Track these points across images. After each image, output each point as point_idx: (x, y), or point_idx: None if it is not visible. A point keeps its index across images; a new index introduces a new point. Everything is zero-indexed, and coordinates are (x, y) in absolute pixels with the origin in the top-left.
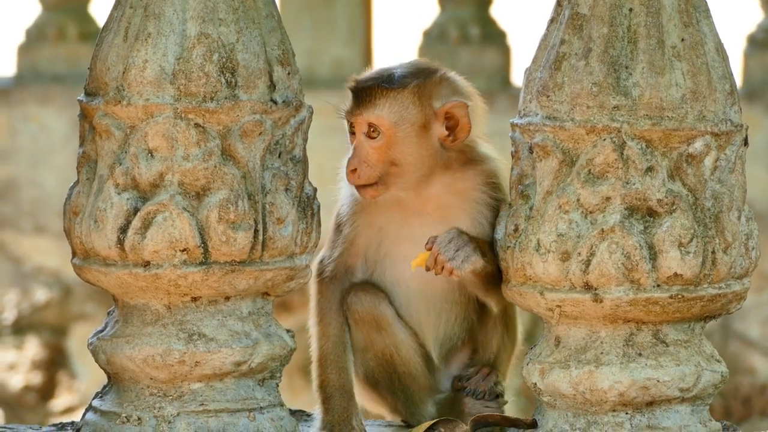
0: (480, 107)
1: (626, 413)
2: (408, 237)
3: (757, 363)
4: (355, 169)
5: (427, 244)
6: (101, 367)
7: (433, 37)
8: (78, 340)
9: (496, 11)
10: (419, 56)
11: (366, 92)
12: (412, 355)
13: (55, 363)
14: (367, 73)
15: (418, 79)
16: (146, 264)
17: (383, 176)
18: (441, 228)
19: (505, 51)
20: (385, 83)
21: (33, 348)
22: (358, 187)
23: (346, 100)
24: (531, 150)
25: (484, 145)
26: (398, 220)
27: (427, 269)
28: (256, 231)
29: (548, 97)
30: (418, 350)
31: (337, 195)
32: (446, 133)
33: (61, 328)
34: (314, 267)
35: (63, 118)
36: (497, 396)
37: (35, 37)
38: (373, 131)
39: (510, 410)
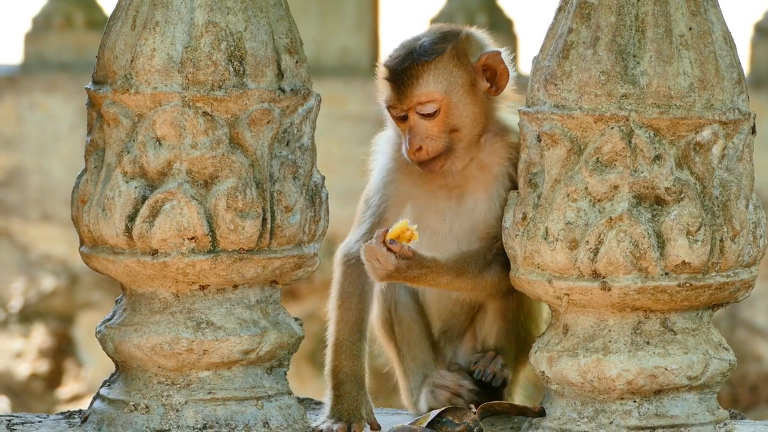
0: (509, 57)
1: (634, 401)
2: (433, 208)
3: (764, 351)
4: (421, 147)
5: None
6: (109, 356)
7: (443, 20)
8: (85, 328)
9: None
10: None
11: (406, 74)
12: (411, 321)
13: (62, 351)
14: (395, 55)
15: (450, 42)
16: (154, 252)
17: (447, 145)
18: (461, 202)
19: (512, 39)
20: (423, 56)
21: (40, 336)
22: (424, 164)
23: (384, 89)
24: (539, 138)
25: (509, 116)
26: (426, 191)
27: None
28: (264, 219)
29: (556, 85)
30: (419, 320)
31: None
32: (488, 84)
33: (68, 316)
34: (340, 251)
35: (70, 106)
36: (504, 381)
37: (42, 25)
38: (427, 109)
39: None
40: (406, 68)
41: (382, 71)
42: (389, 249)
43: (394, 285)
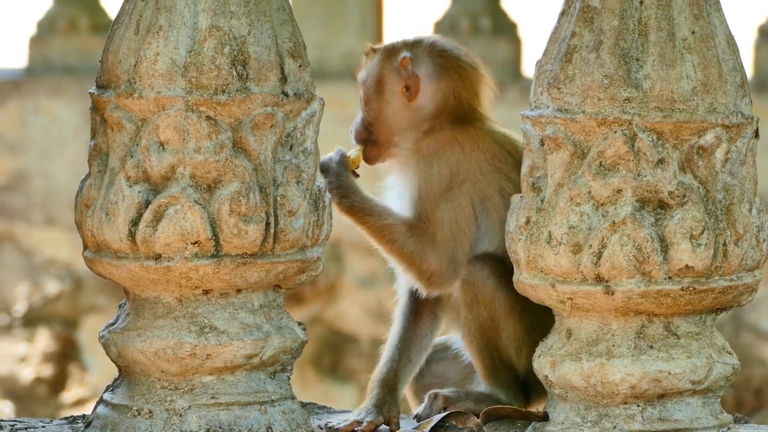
0: (474, 75)
1: (638, 405)
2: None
3: None
4: (354, 129)
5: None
6: (112, 360)
7: (445, 29)
8: (89, 333)
9: (507, 3)
10: None
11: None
12: None
13: (66, 355)
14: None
15: (395, 42)
16: (157, 257)
17: (369, 136)
18: (402, 187)
19: (516, 42)
20: (373, 49)
21: (44, 340)
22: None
23: None
24: (542, 142)
25: (474, 116)
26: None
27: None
28: (267, 224)
29: (559, 89)
30: None
31: None
32: (404, 90)
33: (72, 320)
34: None
35: (74, 110)
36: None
37: (47, 29)
38: (360, 92)
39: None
40: (365, 54)
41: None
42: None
43: None
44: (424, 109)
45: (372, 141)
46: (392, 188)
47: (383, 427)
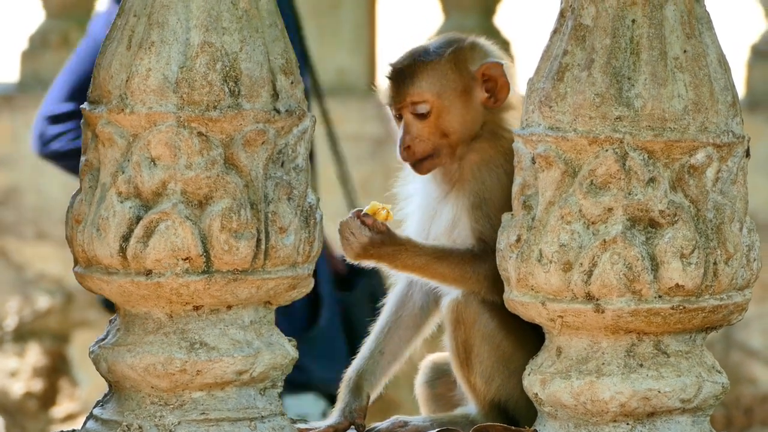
0: (515, 70)
1: (627, 424)
2: (424, 207)
3: (758, 373)
4: (409, 146)
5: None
6: (102, 376)
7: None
8: (80, 348)
9: (500, 20)
10: None
11: (404, 72)
12: None
13: (56, 370)
14: (401, 56)
15: (450, 47)
16: (148, 272)
17: (436, 148)
18: (443, 203)
19: (509, 59)
20: (421, 57)
21: (34, 355)
22: (414, 164)
23: (385, 88)
24: (533, 160)
25: (510, 121)
26: (423, 190)
27: None
28: (258, 240)
29: (551, 107)
30: None
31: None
32: (487, 95)
33: (63, 335)
34: None
35: None
36: None
37: (38, 43)
38: (418, 108)
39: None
40: (405, 67)
41: (385, 70)
42: (363, 222)
43: None
44: (494, 114)
45: (434, 155)
46: (414, 196)
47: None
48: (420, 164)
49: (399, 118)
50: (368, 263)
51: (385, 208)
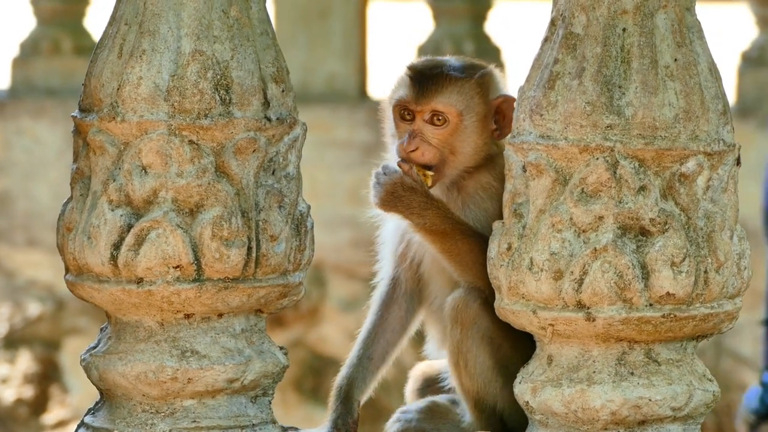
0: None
1: None
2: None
3: (749, 380)
4: (418, 148)
5: None
6: (94, 384)
7: (428, 53)
8: (71, 354)
9: (490, 27)
10: None
11: (433, 79)
12: None
13: (47, 377)
14: (423, 62)
15: (477, 71)
16: (139, 281)
17: (440, 162)
18: None
19: (499, 67)
20: (454, 71)
21: (25, 362)
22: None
23: (401, 87)
24: (524, 168)
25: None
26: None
27: None
28: (249, 248)
29: (542, 115)
30: None
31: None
32: (494, 126)
33: (54, 341)
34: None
35: (57, 132)
36: None
37: (30, 50)
38: (437, 119)
39: None
40: (435, 74)
41: (406, 71)
42: (399, 166)
43: None
44: (496, 146)
45: (438, 167)
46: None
47: None
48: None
49: (404, 120)
50: (394, 215)
51: (426, 174)
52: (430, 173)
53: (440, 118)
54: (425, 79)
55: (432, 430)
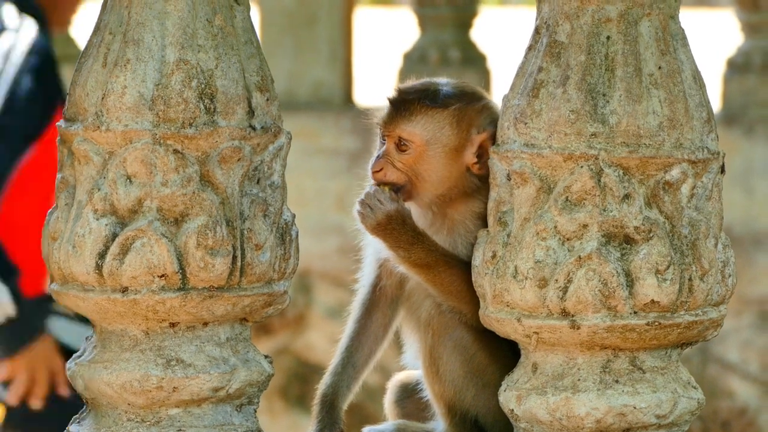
0: None
1: None
2: None
3: (735, 386)
4: (382, 168)
5: None
6: (79, 393)
7: (414, 60)
8: None
9: (476, 34)
10: (399, 79)
11: (404, 105)
12: None
13: None
14: (412, 84)
15: (461, 102)
16: (124, 290)
17: (408, 183)
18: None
19: (484, 74)
20: (427, 100)
21: None
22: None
23: (383, 109)
24: (508, 177)
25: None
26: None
27: None
28: (234, 257)
29: (526, 124)
30: None
31: None
32: (475, 160)
33: None
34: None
35: None
36: None
37: None
38: (403, 144)
39: None
40: (409, 101)
41: (392, 91)
42: (392, 197)
43: None
44: (475, 179)
45: (404, 189)
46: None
47: None
48: (396, 193)
49: (382, 140)
50: (379, 241)
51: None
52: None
53: (404, 144)
54: (398, 104)
55: None
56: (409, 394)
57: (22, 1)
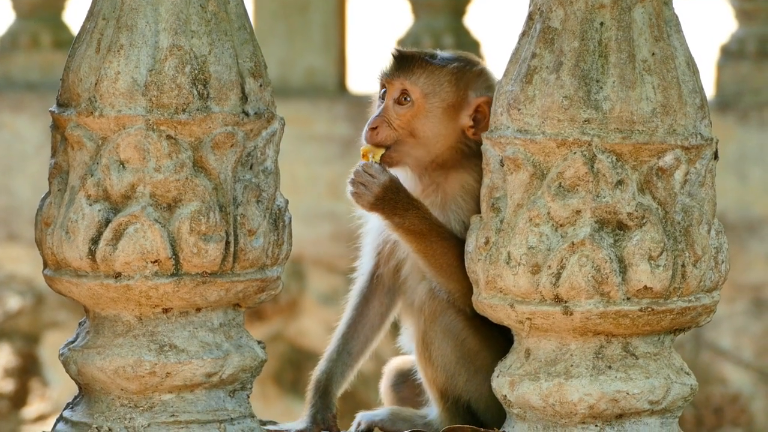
0: None
1: (596, 425)
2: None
3: (728, 373)
4: (376, 128)
5: None
6: (72, 378)
7: (407, 46)
8: (50, 348)
9: (469, 21)
10: None
11: (407, 59)
12: None
13: (27, 371)
14: (414, 48)
15: (459, 63)
16: (117, 275)
17: (398, 143)
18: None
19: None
20: (428, 57)
21: (5, 356)
22: (374, 147)
23: (386, 65)
24: (502, 163)
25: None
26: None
27: None
28: (227, 243)
29: (519, 110)
30: None
31: None
32: (471, 124)
33: (34, 335)
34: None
35: (36, 126)
36: None
37: (9, 44)
38: (404, 98)
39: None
40: (410, 55)
41: (394, 49)
42: (383, 168)
43: None
44: (471, 142)
45: (394, 148)
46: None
47: None
48: (387, 155)
49: (381, 98)
50: (377, 215)
51: (381, 153)
52: (379, 150)
53: (407, 98)
54: (402, 58)
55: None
56: (404, 379)
57: None
